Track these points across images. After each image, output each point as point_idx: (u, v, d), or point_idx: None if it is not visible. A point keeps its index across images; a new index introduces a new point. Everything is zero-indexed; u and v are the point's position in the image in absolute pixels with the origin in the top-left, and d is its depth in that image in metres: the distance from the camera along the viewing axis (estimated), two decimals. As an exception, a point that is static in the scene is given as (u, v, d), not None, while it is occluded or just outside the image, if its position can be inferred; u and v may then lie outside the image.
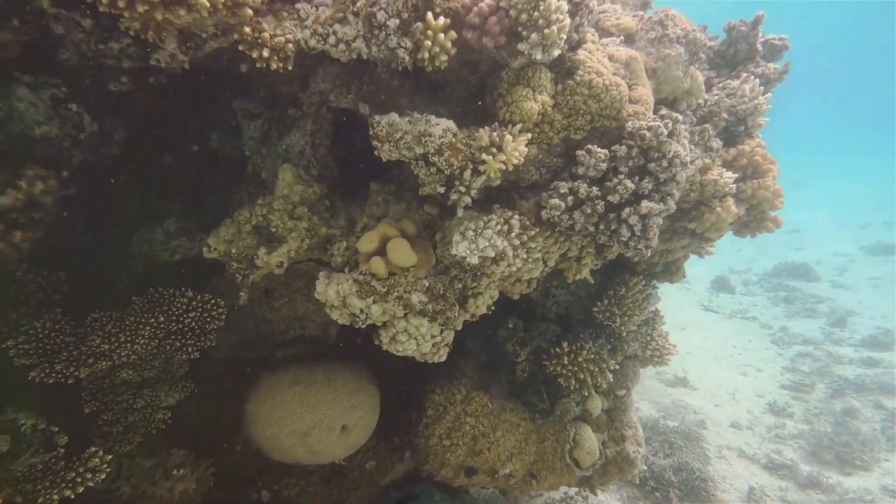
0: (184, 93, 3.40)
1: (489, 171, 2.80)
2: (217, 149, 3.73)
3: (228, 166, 3.68)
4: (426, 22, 2.65)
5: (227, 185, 3.66)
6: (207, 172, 3.68)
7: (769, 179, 3.48)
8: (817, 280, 16.40)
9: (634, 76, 3.08)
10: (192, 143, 3.70)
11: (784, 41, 4.23)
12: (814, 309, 13.91)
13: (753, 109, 3.67)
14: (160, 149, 3.59)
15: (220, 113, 3.65)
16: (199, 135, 3.73)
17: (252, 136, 3.49)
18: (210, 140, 3.73)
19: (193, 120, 3.66)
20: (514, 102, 2.87)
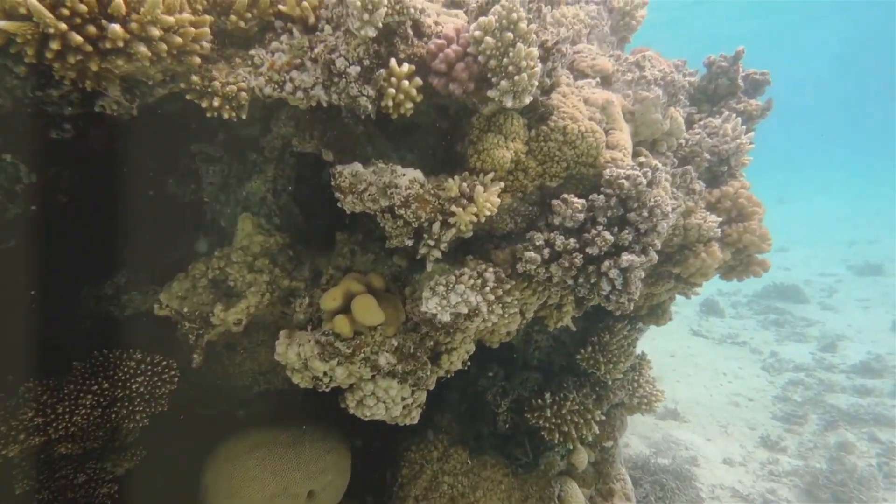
0: (138, 136, 3.23)
1: (460, 224, 2.66)
2: (175, 194, 3.56)
3: (187, 212, 3.49)
4: (390, 69, 2.53)
5: (187, 232, 3.48)
6: (164, 219, 3.49)
7: (755, 223, 3.38)
8: (806, 302, 16.47)
9: (611, 120, 2.98)
10: (147, 189, 3.52)
11: (766, 76, 4.20)
12: (804, 333, 13.91)
13: (736, 149, 3.59)
14: (113, 195, 3.40)
15: (177, 156, 3.48)
16: (156, 179, 3.55)
17: (211, 181, 3.32)
18: (167, 185, 3.56)
19: (149, 163, 3.49)
20: (485, 150, 2.75)
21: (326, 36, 2.54)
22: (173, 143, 3.44)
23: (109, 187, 3.36)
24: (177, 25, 2.20)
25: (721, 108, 4.12)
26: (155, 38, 2.14)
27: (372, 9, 2.39)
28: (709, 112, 4.20)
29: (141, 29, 2.10)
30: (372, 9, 2.39)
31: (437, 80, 2.59)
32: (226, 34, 2.52)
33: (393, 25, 2.57)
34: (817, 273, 19.62)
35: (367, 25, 2.41)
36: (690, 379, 11.09)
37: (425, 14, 2.71)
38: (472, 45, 2.55)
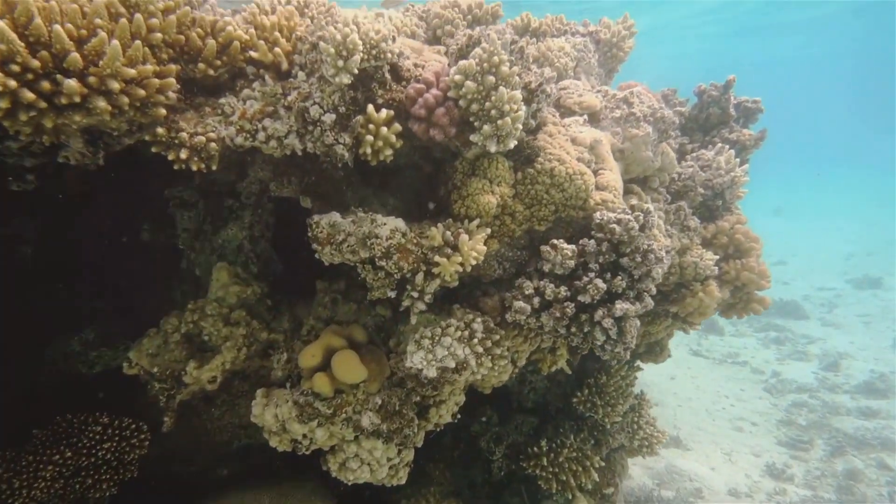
0: (112, 179, 3.12)
1: (444, 275, 2.54)
2: (149, 240, 3.43)
3: (162, 259, 3.37)
4: (367, 115, 2.44)
5: (162, 279, 3.34)
6: (139, 267, 3.36)
7: (753, 259, 3.29)
8: (806, 318, 16.37)
9: (600, 160, 2.89)
10: (121, 235, 3.40)
11: (758, 104, 4.15)
12: (805, 351, 13.78)
13: (731, 182, 3.51)
14: (84, 243, 3.27)
15: (152, 201, 3.37)
16: (130, 225, 3.43)
17: (186, 227, 3.20)
18: (141, 231, 3.43)
19: (122, 209, 3.37)
20: (469, 196, 2.65)
21: (300, 82, 2.45)
22: (148, 186, 3.33)
23: (81, 234, 3.24)
24: (140, 77, 2.11)
25: (714, 138, 4.06)
26: (116, 91, 2.03)
27: (347, 55, 2.31)
28: (701, 142, 4.13)
29: (100, 82, 2.00)
30: (347, 55, 2.31)
31: (417, 125, 2.50)
32: (195, 82, 2.43)
33: (370, 70, 2.48)
34: (816, 287, 19.57)
35: (341, 72, 2.32)
36: (692, 402, 10.91)
37: (404, 57, 2.64)
38: (453, 90, 2.46)
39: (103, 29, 2.02)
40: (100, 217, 3.26)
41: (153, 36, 2.17)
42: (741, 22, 22.47)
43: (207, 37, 2.37)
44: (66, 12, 1.95)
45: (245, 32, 2.48)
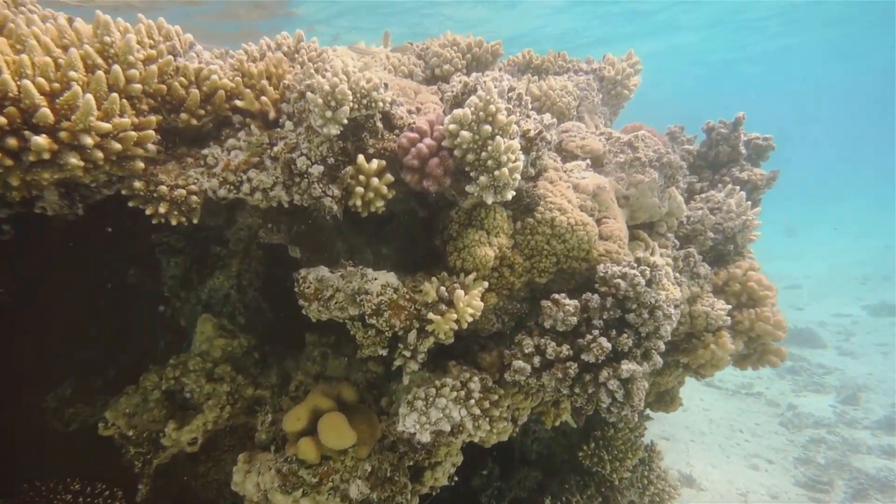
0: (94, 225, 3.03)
1: (438, 333, 2.41)
2: (135, 284, 3.33)
3: (147, 306, 3.26)
4: (357, 165, 2.34)
5: (147, 329, 3.23)
6: (123, 315, 3.25)
7: (768, 309, 3.13)
8: (822, 347, 15.99)
9: (604, 207, 2.77)
10: (106, 280, 3.30)
11: (769, 141, 4.03)
12: (822, 383, 13.40)
13: (742, 226, 3.38)
14: (66, 289, 3.17)
15: (139, 245, 3.27)
16: (115, 269, 3.33)
17: (173, 274, 3.10)
18: (127, 275, 3.33)
19: (108, 252, 3.28)
20: (465, 248, 2.52)
21: (288, 132, 2.37)
22: (135, 228, 3.25)
23: (63, 280, 3.14)
24: (116, 130, 2.02)
25: (723, 177, 3.94)
26: (89, 146, 1.95)
27: (335, 105, 2.22)
28: (710, 180, 4.01)
29: (72, 138, 1.91)
30: (335, 105, 2.22)
31: (410, 175, 2.39)
32: (177, 132, 2.34)
33: (360, 120, 2.39)
34: (832, 314, 19.17)
35: (329, 123, 2.23)
36: (705, 437, 10.57)
37: (397, 105, 2.55)
38: (447, 139, 2.36)
39: (78, 82, 1.95)
40: (84, 261, 3.16)
41: (132, 87, 2.10)
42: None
43: (191, 86, 2.29)
44: (39, 65, 1.87)
45: (231, 80, 2.40)
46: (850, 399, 12.16)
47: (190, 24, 10.20)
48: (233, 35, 12.66)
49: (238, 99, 2.37)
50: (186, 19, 10.87)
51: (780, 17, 17.70)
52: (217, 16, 11.00)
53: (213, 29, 11.96)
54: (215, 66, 2.39)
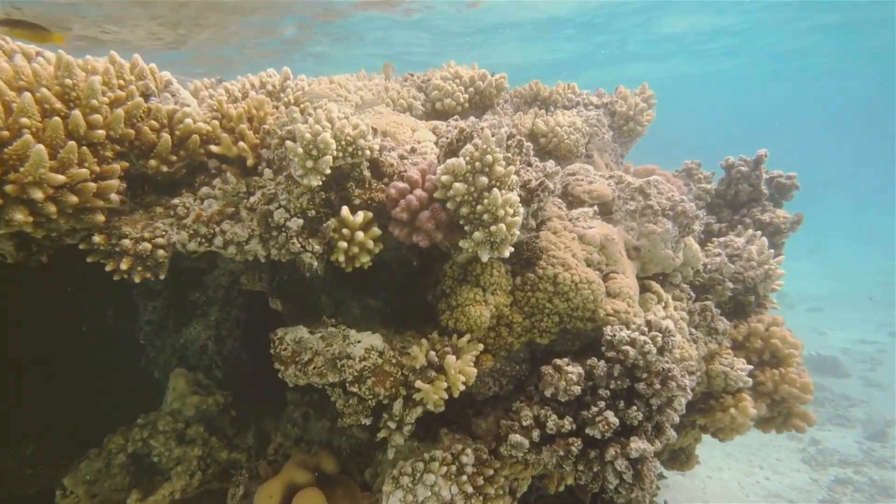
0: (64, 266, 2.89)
1: (427, 402, 2.21)
2: (113, 327, 3.18)
3: (123, 352, 3.11)
4: (341, 218, 2.17)
5: (120, 379, 3.07)
6: (96, 361, 3.10)
7: (793, 369, 2.89)
8: (847, 376, 15.45)
9: (612, 261, 2.57)
10: (82, 322, 3.16)
11: (793, 179, 3.81)
12: (847, 416, 12.90)
13: (764, 276, 3.15)
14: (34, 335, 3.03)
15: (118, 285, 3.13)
16: (94, 309, 3.19)
17: (149, 318, 2.95)
18: (105, 316, 3.19)
19: (86, 292, 3.14)
20: (459, 307, 2.33)
21: (266, 181, 2.21)
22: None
23: (30, 323, 3.00)
24: (72, 182, 1.87)
25: (743, 218, 3.72)
26: (40, 200, 1.80)
27: (317, 155, 2.05)
28: (729, 220, 3.80)
29: (20, 191, 1.77)
30: (317, 155, 2.05)
31: (399, 229, 2.22)
32: (146, 178, 2.20)
33: (346, 168, 2.23)
34: (856, 339, 18.57)
35: (310, 174, 2.06)
36: (722, 473, 10.17)
37: (387, 150, 2.39)
38: (440, 190, 2.19)
39: (30, 129, 1.81)
40: (55, 302, 3.02)
41: (94, 133, 1.95)
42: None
43: (163, 129, 2.15)
44: (-12, 113, 1.74)
45: (209, 122, 2.26)
46: (879, 435, 11.66)
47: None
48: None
49: (214, 144, 2.22)
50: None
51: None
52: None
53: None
54: (190, 107, 2.25)
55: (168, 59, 11.84)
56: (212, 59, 12.97)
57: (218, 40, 11.32)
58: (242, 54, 12.76)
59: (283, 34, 11.77)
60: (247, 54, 12.77)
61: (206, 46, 11.67)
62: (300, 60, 14.33)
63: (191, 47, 11.48)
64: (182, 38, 10.49)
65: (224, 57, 12.83)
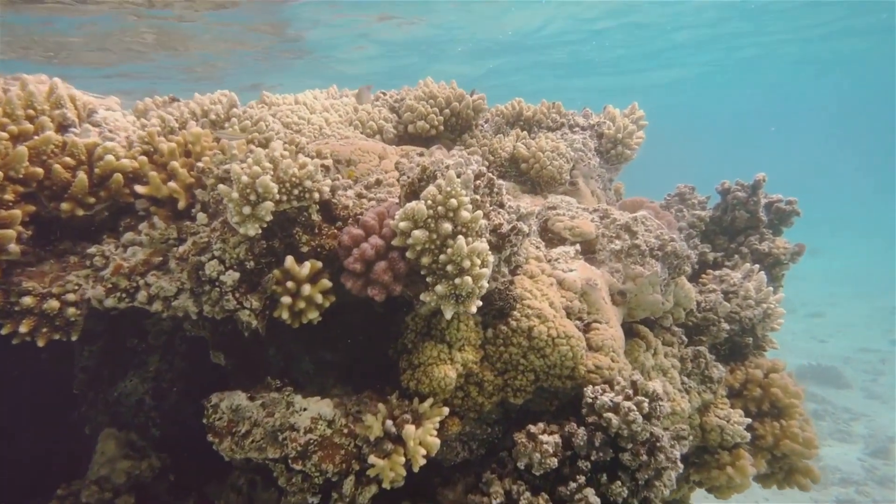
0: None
1: (383, 479, 1.99)
2: (48, 371, 2.94)
3: (55, 404, 2.86)
4: (286, 269, 1.96)
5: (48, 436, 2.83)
6: (19, 415, 2.86)
7: (795, 423, 2.70)
8: (848, 387, 15.35)
9: (594, 309, 2.37)
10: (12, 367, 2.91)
11: (793, 205, 3.62)
12: (848, 431, 12.78)
13: (763, 316, 2.96)
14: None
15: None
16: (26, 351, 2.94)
17: (84, 365, 2.71)
18: (41, 359, 2.94)
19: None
20: (422, 366, 2.12)
21: (199, 226, 1.98)
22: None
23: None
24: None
25: (740, 246, 3.53)
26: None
27: (255, 200, 1.83)
28: (725, 249, 3.61)
29: None
30: (255, 200, 1.83)
31: (352, 281, 2.00)
32: (60, 223, 1.97)
33: (291, 213, 2.01)
34: (858, 348, 18.49)
35: (248, 222, 1.84)
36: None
37: (341, 190, 2.17)
38: (398, 237, 1.98)
39: None
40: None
41: (-9, 177, 1.72)
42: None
43: (80, 167, 1.92)
44: None
45: (136, 157, 2.03)
46: (881, 452, 11.54)
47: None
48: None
49: (140, 184, 2.00)
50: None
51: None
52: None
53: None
54: (114, 142, 2.02)
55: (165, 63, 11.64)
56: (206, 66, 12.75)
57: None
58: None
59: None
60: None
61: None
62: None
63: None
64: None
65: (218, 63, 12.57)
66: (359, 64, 14.15)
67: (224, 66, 12.66)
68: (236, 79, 13.98)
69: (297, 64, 13.30)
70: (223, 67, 12.70)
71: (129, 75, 12.38)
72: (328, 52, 12.73)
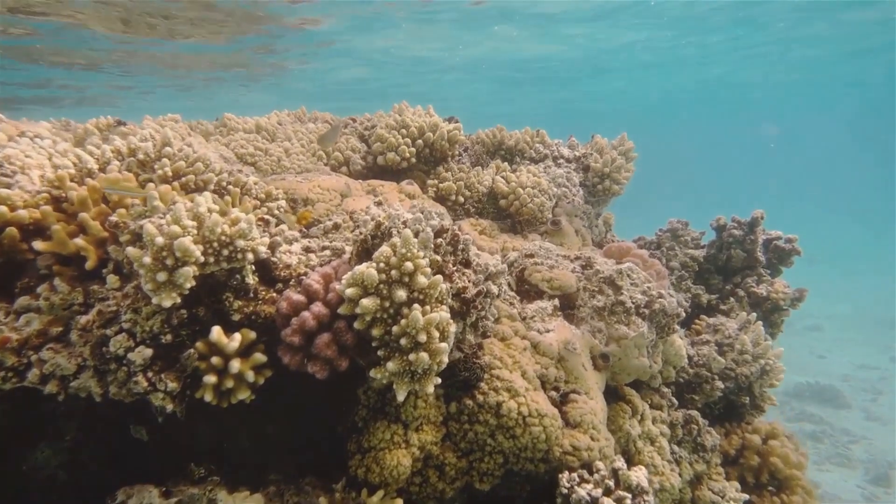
0: None
1: (321, 586, 1.76)
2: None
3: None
4: (212, 341, 1.72)
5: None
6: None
7: (797, 497, 2.49)
8: (847, 407, 15.23)
9: (573, 377, 2.15)
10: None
11: (793, 243, 3.44)
12: (847, 455, 12.66)
13: (760, 373, 2.76)
14: None
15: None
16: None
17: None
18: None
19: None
20: (372, 451, 1.89)
21: (109, 291, 1.74)
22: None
23: None
24: None
25: (736, 288, 3.34)
26: None
27: (172, 266, 1.60)
28: (720, 291, 3.41)
29: None
30: (172, 266, 1.60)
31: (289, 356, 1.77)
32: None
33: (220, 276, 1.78)
34: (857, 364, 18.39)
35: (163, 290, 1.61)
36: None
37: (285, 245, 1.94)
38: (346, 305, 1.75)
39: None
40: None
41: None
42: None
43: (-36, 221, 1.67)
44: None
45: (39, 205, 1.79)
46: (881, 479, 11.42)
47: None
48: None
49: (40, 239, 1.75)
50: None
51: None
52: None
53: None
54: (16, 187, 1.78)
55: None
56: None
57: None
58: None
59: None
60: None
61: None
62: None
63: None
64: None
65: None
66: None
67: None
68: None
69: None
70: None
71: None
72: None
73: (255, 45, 11.18)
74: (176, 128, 2.98)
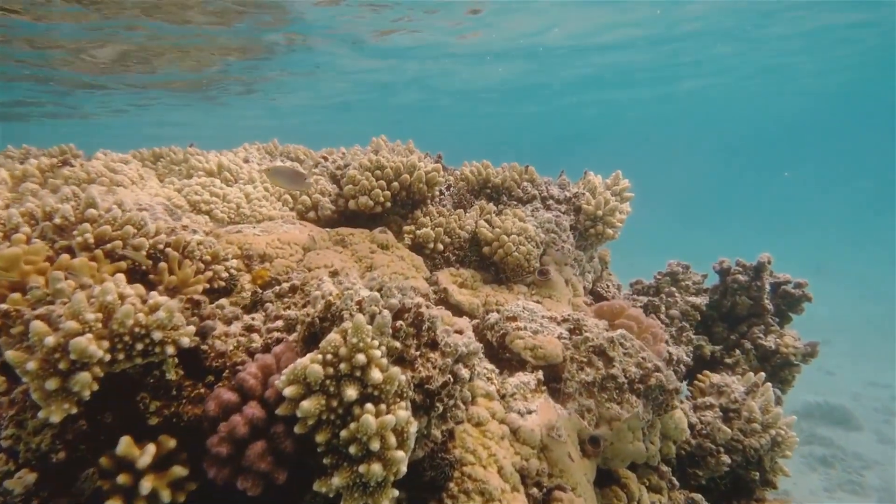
0: None
1: None
2: None
3: None
4: (120, 455, 1.46)
5: None
6: None
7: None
8: (858, 429, 14.89)
9: (557, 470, 1.89)
10: None
11: (803, 289, 3.18)
12: (860, 482, 12.32)
13: (771, 444, 2.50)
14: None
15: None
16: None
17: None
18: None
19: None
20: (316, 575, 1.63)
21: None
22: None
23: None
24: None
25: (742, 339, 3.08)
26: None
27: (67, 370, 1.35)
28: (725, 341, 3.15)
29: None
30: (67, 370, 1.35)
31: (215, 469, 1.51)
32: None
33: (134, 374, 1.53)
34: (868, 381, 18.05)
35: (54, 400, 1.35)
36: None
37: (220, 328, 1.69)
38: (285, 405, 1.50)
39: None
40: None
41: None
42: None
43: None
44: None
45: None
46: (895, 509, 11.09)
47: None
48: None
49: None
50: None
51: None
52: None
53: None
54: None
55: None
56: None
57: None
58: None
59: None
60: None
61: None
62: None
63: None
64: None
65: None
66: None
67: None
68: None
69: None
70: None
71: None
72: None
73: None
74: (125, 170, 2.75)
